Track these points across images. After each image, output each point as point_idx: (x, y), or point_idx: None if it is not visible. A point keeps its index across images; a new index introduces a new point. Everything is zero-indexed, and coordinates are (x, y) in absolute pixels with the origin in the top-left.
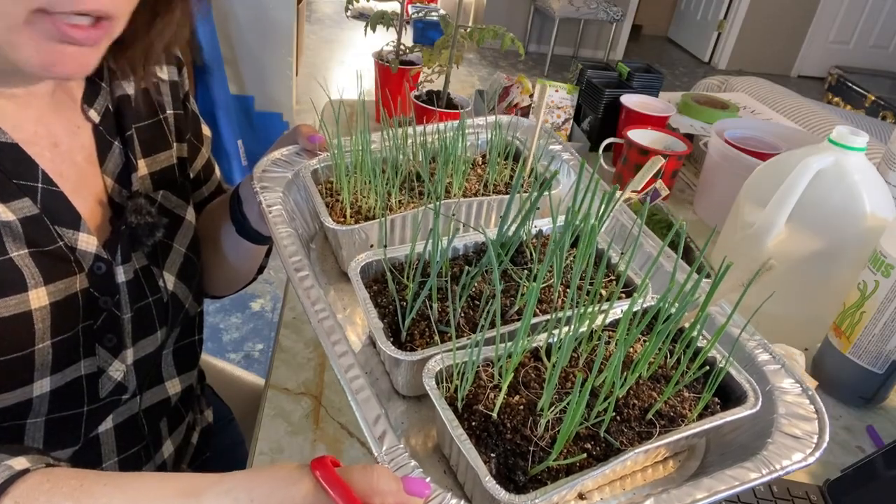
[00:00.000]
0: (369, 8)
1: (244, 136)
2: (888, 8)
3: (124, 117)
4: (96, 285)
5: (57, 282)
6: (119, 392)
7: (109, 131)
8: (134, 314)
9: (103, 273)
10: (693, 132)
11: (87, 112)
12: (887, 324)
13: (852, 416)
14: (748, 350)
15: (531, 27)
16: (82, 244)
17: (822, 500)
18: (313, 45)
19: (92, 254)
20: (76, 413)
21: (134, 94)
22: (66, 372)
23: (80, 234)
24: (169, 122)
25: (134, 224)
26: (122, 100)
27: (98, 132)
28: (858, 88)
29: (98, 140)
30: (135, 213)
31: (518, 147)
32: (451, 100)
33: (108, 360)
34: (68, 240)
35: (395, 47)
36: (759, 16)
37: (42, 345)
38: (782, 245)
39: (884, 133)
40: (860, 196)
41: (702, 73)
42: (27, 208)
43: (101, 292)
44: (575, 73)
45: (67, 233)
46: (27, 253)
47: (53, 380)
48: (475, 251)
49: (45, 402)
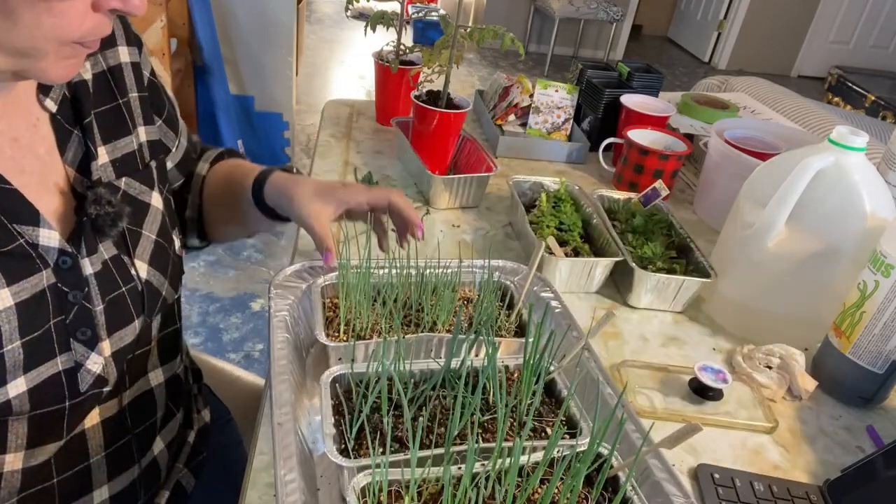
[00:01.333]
0: (369, 8)
1: (244, 136)
2: (888, 8)
3: (82, 104)
4: (63, 280)
5: (21, 281)
6: (100, 385)
7: (68, 120)
8: (107, 305)
9: (69, 267)
10: (693, 132)
11: (42, 102)
12: (887, 324)
13: (852, 416)
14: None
15: (531, 27)
16: (44, 240)
17: (822, 500)
18: (313, 45)
19: (55, 248)
20: (58, 409)
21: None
22: (41, 369)
23: (41, 230)
24: (132, 105)
25: (94, 215)
26: (79, 86)
27: (56, 121)
28: (858, 88)
29: (56, 130)
30: (94, 203)
31: (512, 290)
32: (451, 100)
33: (84, 354)
34: (28, 237)
35: (395, 47)
36: (759, 16)
37: (11, 346)
38: (782, 245)
39: (884, 133)
40: (860, 196)
41: (702, 73)
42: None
43: (69, 287)
44: (575, 73)
45: (27, 230)
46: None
47: (28, 378)
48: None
49: (25, 401)
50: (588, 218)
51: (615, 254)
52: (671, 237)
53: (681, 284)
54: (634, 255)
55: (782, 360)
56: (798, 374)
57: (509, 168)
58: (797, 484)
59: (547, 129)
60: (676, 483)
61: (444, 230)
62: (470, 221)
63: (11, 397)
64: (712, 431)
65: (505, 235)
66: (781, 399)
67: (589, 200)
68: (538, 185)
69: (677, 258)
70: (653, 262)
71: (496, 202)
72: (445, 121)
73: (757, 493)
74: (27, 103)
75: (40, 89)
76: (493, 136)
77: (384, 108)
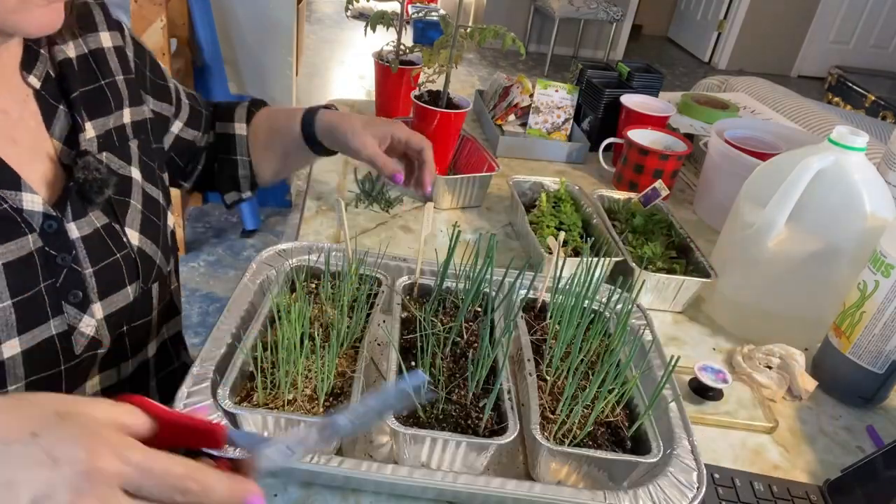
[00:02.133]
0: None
1: None
2: (888, 8)
3: (68, 80)
4: (50, 243)
5: (7, 244)
6: (94, 347)
7: (53, 96)
8: (100, 270)
9: (55, 230)
10: (693, 132)
11: (26, 78)
12: (887, 324)
13: (852, 416)
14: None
15: (531, 27)
16: (28, 204)
17: (822, 499)
18: (313, 45)
19: (40, 213)
20: (54, 373)
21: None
22: (35, 332)
23: (24, 195)
24: (118, 86)
25: (82, 180)
26: (64, 64)
27: (41, 97)
28: (858, 88)
29: (42, 105)
30: (83, 169)
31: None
32: (451, 100)
33: (77, 317)
34: (12, 201)
35: (395, 47)
36: (759, 16)
37: (2, 305)
38: (782, 245)
39: (884, 133)
40: (860, 196)
41: (702, 73)
42: None
43: (56, 250)
44: (575, 73)
45: (10, 194)
46: None
47: (23, 340)
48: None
49: (19, 364)
50: (588, 218)
51: (615, 254)
52: (671, 237)
53: (681, 284)
54: (634, 255)
55: (782, 360)
56: (798, 374)
57: (509, 168)
58: (797, 484)
59: (547, 129)
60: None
61: (443, 230)
62: (470, 221)
63: (6, 358)
64: (712, 431)
65: (505, 235)
66: (781, 399)
67: (589, 200)
68: (538, 185)
69: (677, 258)
70: (653, 262)
71: (496, 202)
72: (445, 121)
73: (757, 493)
74: (16, 79)
75: (23, 66)
76: (493, 136)
77: (384, 108)
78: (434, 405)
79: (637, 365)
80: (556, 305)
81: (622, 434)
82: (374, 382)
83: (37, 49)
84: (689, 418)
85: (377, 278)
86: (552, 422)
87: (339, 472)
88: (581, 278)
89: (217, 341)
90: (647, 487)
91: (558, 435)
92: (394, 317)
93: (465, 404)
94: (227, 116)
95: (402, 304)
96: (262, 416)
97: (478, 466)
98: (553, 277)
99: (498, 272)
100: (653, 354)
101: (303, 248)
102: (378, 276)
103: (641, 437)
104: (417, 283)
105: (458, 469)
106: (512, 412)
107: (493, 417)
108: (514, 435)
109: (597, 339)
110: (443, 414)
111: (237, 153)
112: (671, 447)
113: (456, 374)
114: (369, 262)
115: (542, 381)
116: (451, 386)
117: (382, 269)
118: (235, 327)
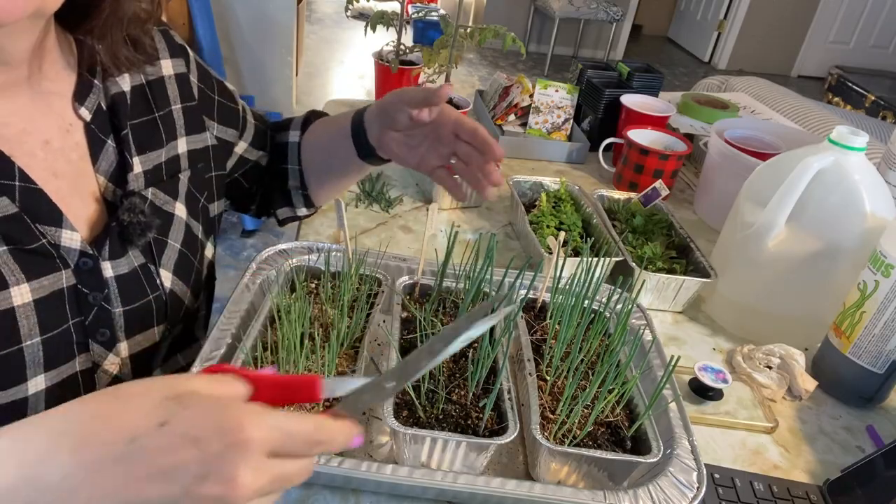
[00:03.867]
0: (369, 8)
1: None
2: (888, 8)
3: (119, 115)
4: (83, 281)
5: (40, 279)
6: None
7: (102, 130)
8: (130, 310)
9: (90, 269)
10: (693, 132)
11: (77, 110)
12: (887, 324)
13: (852, 416)
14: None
15: (531, 27)
16: (66, 241)
17: (822, 499)
18: (313, 45)
19: (77, 250)
20: None
21: (129, 91)
22: (61, 369)
23: (63, 231)
24: (173, 117)
25: (126, 222)
26: (117, 97)
27: (90, 131)
28: (858, 88)
29: (90, 139)
30: (128, 211)
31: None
32: (451, 100)
33: (102, 355)
34: (51, 237)
35: (395, 47)
36: (759, 16)
37: (30, 342)
38: (782, 245)
39: (884, 133)
40: (860, 196)
41: (702, 73)
42: (5, 207)
43: (89, 288)
44: (575, 73)
45: (49, 230)
46: (6, 250)
47: (48, 377)
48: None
49: (41, 400)
50: (588, 218)
51: (615, 254)
52: (671, 237)
53: (681, 284)
54: (634, 256)
55: (782, 360)
56: (798, 374)
57: (509, 168)
58: (797, 484)
59: (547, 129)
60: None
61: (443, 230)
62: (470, 221)
63: (29, 394)
64: (712, 431)
65: (505, 235)
66: (781, 399)
67: (589, 200)
68: (538, 185)
69: (677, 258)
70: (653, 262)
71: (496, 202)
72: None
73: (757, 493)
74: (59, 108)
75: (76, 97)
76: (493, 136)
77: None
78: (434, 405)
79: (637, 365)
80: (556, 305)
81: (622, 434)
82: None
83: (91, 80)
84: (689, 418)
85: (377, 278)
86: (552, 422)
87: (339, 473)
88: (581, 278)
89: (217, 342)
90: (647, 487)
91: (558, 435)
92: (394, 316)
93: (466, 404)
94: (284, 126)
95: (402, 305)
96: None
97: (478, 466)
98: (553, 277)
99: (498, 272)
100: (653, 354)
101: (303, 248)
102: (378, 275)
103: (641, 436)
104: (419, 284)
105: (458, 469)
106: (512, 412)
107: (493, 417)
108: (514, 435)
109: (597, 338)
110: (443, 414)
111: (288, 162)
112: (671, 447)
113: (456, 373)
114: (369, 262)
115: (542, 380)
116: (451, 386)
117: (382, 269)
118: (235, 327)
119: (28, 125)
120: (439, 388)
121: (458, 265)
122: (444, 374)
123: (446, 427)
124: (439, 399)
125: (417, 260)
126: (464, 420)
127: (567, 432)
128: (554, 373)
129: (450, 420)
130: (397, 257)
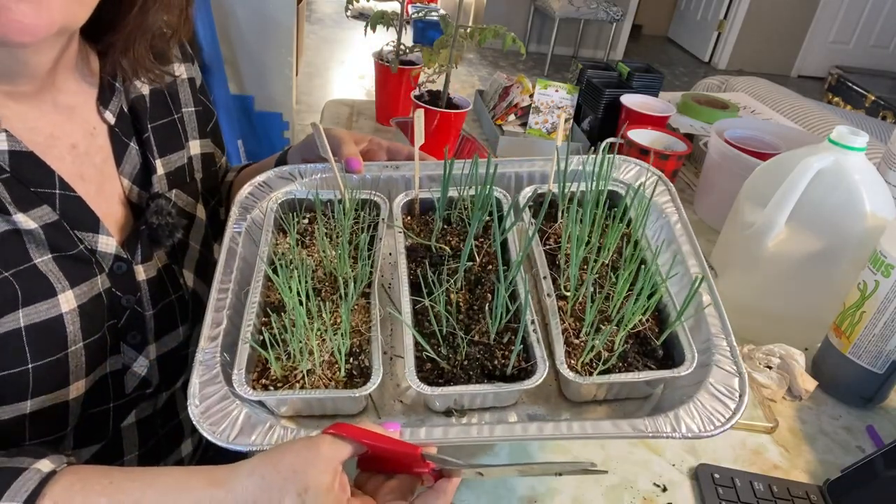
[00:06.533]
0: (369, 8)
1: (244, 136)
2: (888, 8)
3: (140, 118)
4: (118, 285)
5: (81, 284)
6: (144, 387)
7: (125, 133)
8: (157, 311)
9: (124, 272)
10: (693, 132)
11: (102, 114)
12: (887, 324)
13: (852, 416)
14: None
15: (531, 27)
16: (102, 246)
17: (822, 499)
18: (313, 45)
19: (111, 254)
20: (103, 409)
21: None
22: (95, 372)
23: (100, 237)
24: (185, 120)
25: (155, 225)
26: (137, 101)
27: (114, 134)
28: (858, 88)
29: (114, 142)
30: (156, 214)
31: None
32: (451, 100)
33: (132, 357)
34: (88, 242)
35: (395, 47)
36: (759, 16)
37: (75, 347)
38: (782, 245)
39: (884, 133)
40: (860, 196)
41: (702, 73)
42: (47, 215)
43: (122, 291)
44: (575, 73)
45: (87, 236)
46: (51, 258)
47: (87, 381)
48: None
49: (80, 404)
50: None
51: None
52: None
53: None
54: None
55: (782, 360)
56: (798, 374)
57: None
58: (797, 484)
59: (547, 129)
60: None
61: None
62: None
63: (70, 399)
64: None
65: None
66: (781, 399)
67: None
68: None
69: None
70: None
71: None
72: (445, 121)
73: (757, 493)
74: (84, 112)
75: (100, 101)
76: (493, 136)
77: (384, 108)
78: (457, 350)
79: (664, 259)
80: (567, 199)
81: (652, 344)
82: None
83: (114, 83)
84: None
85: (375, 203)
86: (578, 348)
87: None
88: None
89: (216, 316)
90: (687, 406)
91: (585, 362)
92: (397, 250)
93: (489, 343)
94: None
95: (405, 234)
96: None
97: (510, 400)
98: (560, 163)
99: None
100: (682, 238)
101: (284, 176)
102: (376, 199)
103: (673, 342)
104: (418, 199)
105: (490, 404)
106: (539, 346)
107: (519, 353)
108: (543, 375)
109: (617, 232)
110: (467, 360)
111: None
112: (709, 352)
113: (473, 305)
114: (358, 178)
115: (561, 300)
116: (469, 322)
117: (375, 185)
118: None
119: (55, 129)
120: (458, 328)
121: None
122: (463, 311)
123: (472, 374)
124: (461, 344)
125: (411, 166)
126: (489, 361)
127: (596, 357)
128: (574, 286)
129: (474, 364)
130: (389, 165)
